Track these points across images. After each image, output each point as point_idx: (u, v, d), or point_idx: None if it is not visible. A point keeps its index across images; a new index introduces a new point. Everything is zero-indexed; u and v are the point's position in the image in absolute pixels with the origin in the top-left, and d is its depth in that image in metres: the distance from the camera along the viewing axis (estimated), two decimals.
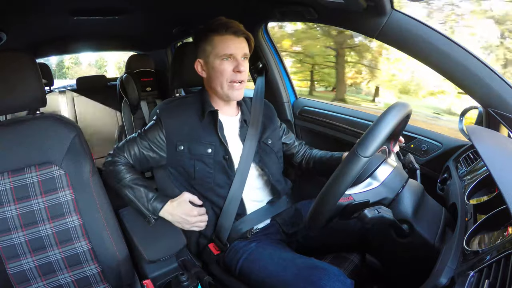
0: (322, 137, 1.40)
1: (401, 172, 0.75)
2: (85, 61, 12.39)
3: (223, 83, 0.93)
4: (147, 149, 0.96)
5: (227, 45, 0.91)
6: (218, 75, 0.93)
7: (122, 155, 0.96)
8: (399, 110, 0.63)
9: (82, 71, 11.89)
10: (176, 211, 0.94)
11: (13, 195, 0.82)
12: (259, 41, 1.44)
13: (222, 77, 0.92)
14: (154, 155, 0.97)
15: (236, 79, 0.93)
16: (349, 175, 0.59)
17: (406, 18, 0.88)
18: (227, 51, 0.91)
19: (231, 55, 0.91)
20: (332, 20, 1.06)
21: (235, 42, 0.91)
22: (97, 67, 12.33)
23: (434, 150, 1.06)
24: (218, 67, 0.92)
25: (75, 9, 1.33)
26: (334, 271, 0.77)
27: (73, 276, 0.86)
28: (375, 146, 0.59)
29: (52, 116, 0.88)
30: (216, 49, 0.91)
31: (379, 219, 0.64)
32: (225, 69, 0.91)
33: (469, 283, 0.47)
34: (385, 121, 0.61)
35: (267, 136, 1.05)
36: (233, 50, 0.91)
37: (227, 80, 0.92)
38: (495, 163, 0.61)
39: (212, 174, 0.95)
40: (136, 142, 0.97)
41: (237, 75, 0.92)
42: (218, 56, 0.91)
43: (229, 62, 0.92)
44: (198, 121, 0.97)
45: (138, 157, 0.97)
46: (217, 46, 0.91)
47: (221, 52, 0.91)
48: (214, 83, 0.95)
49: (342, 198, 0.64)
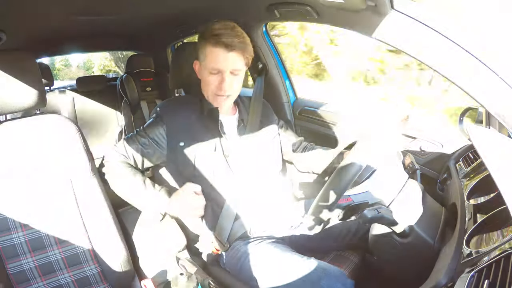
0: (322, 137, 1.40)
1: (401, 172, 0.75)
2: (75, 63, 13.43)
3: (209, 94, 0.96)
4: (146, 146, 0.96)
5: (215, 59, 0.89)
6: (205, 84, 0.95)
7: (121, 154, 0.96)
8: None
9: (72, 73, 12.70)
10: (181, 200, 0.93)
11: (13, 194, 0.81)
12: (259, 41, 1.44)
13: (208, 88, 0.95)
14: (154, 152, 0.96)
15: (219, 94, 0.93)
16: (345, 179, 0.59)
17: (406, 18, 0.88)
18: (214, 66, 0.90)
19: (218, 70, 0.90)
20: (332, 20, 1.06)
21: (224, 57, 0.88)
22: (85, 69, 13.07)
23: (434, 150, 1.06)
24: (206, 78, 0.94)
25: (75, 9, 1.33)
26: (334, 271, 0.77)
27: (73, 276, 0.86)
28: None
29: (52, 116, 0.88)
30: (206, 60, 0.91)
31: (379, 219, 0.64)
32: (211, 83, 0.93)
33: (469, 283, 0.47)
34: None
35: (265, 136, 1.05)
36: (220, 66, 0.89)
37: (212, 92, 0.94)
38: (495, 163, 0.61)
39: (212, 171, 0.96)
40: (135, 139, 0.96)
41: (221, 89, 0.92)
42: (206, 68, 0.92)
43: (215, 76, 0.92)
44: (199, 118, 0.97)
45: (137, 155, 0.96)
46: (207, 57, 0.91)
47: (209, 65, 0.91)
48: (203, 89, 0.97)
49: (341, 199, 0.64)
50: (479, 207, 0.65)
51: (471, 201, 0.68)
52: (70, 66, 13.58)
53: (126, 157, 0.96)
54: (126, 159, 0.96)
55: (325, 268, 0.77)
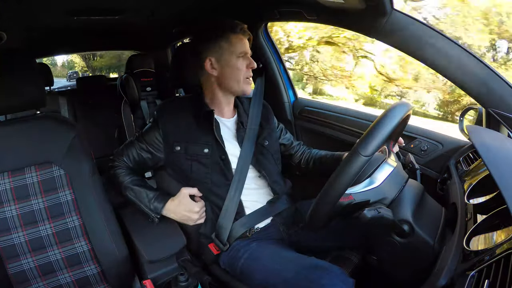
0: (322, 137, 1.40)
1: (401, 172, 0.75)
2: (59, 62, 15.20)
3: (240, 79, 0.97)
4: (145, 151, 0.98)
5: (243, 43, 0.96)
6: (235, 71, 0.96)
7: (121, 159, 0.99)
8: (399, 110, 0.63)
9: (57, 71, 14.20)
10: (178, 209, 0.95)
11: (13, 195, 0.82)
12: (259, 41, 1.44)
13: (240, 73, 0.96)
14: (152, 156, 0.99)
15: (249, 75, 0.99)
16: (349, 174, 0.59)
17: (406, 18, 0.88)
18: (243, 49, 0.96)
19: (246, 53, 0.96)
20: (332, 20, 1.06)
21: (246, 41, 0.98)
22: (68, 68, 14.54)
23: (434, 150, 1.06)
24: (235, 64, 0.95)
25: (75, 9, 1.33)
26: (335, 270, 0.77)
27: (73, 276, 0.86)
28: (376, 145, 0.59)
29: (52, 116, 0.88)
30: (233, 47, 0.95)
31: (379, 219, 0.64)
32: (241, 67, 0.96)
33: (469, 283, 0.47)
34: (386, 121, 0.61)
35: (264, 138, 1.05)
36: (246, 49, 0.97)
37: (244, 76, 0.97)
38: (495, 163, 0.61)
39: (209, 174, 0.96)
40: (134, 145, 0.99)
41: (250, 71, 0.98)
42: (234, 54, 0.95)
43: (243, 59, 0.96)
44: (195, 121, 0.98)
45: (137, 159, 0.99)
46: (235, 44, 0.95)
47: (239, 50, 0.95)
48: (229, 79, 0.97)
49: (342, 197, 0.64)
50: (479, 207, 0.65)
51: (471, 201, 0.68)
52: (56, 65, 14.91)
53: (126, 162, 0.99)
54: (126, 163, 0.99)
55: (326, 267, 0.77)
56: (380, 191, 0.69)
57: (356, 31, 1.04)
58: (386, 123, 0.61)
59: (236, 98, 1.06)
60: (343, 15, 0.99)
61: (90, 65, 14.68)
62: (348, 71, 7.29)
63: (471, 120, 1.02)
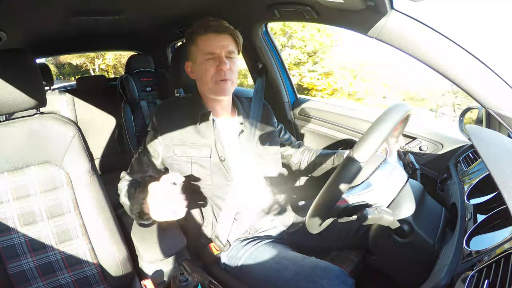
0: (322, 137, 1.40)
1: (401, 172, 0.75)
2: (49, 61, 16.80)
3: (208, 82, 0.92)
4: (146, 165, 0.95)
5: (209, 43, 0.90)
6: (202, 74, 0.92)
7: (131, 176, 0.96)
8: (397, 112, 0.62)
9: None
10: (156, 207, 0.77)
11: (13, 194, 0.82)
12: (259, 41, 1.44)
13: (206, 76, 0.91)
14: (154, 167, 0.95)
15: (219, 78, 0.90)
16: (345, 180, 0.59)
17: (406, 18, 0.88)
18: (209, 49, 0.90)
19: (213, 54, 0.90)
20: (332, 20, 1.06)
21: (216, 40, 0.90)
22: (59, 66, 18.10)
23: (434, 150, 1.06)
24: (202, 66, 0.91)
25: (75, 9, 1.33)
26: (335, 270, 0.77)
27: (73, 276, 0.86)
28: (372, 150, 0.58)
29: (52, 116, 0.88)
30: (200, 48, 0.91)
31: (379, 219, 0.64)
32: (208, 68, 0.90)
33: (469, 283, 0.47)
34: (382, 125, 0.60)
35: (264, 138, 1.04)
36: (215, 49, 0.90)
37: (212, 79, 0.91)
38: (495, 163, 0.61)
39: (210, 176, 0.95)
40: (139, 159, 0.96)
41: (221, 73, 0.90)
42: (201, 56, 0.91)
43: (212, 61, 0.90)
44: (193, 123, 0.95)
45: (144, 174, 0.95)
46: (200, 45, 0.91)
47: (204, 51, 0.90)
48: (201, 83, 0.94)
49: (340, 201, 0.64)
50: (479, 207, 0.65)
51: (471, 201, 0.68)
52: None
53: (133, 177, 0.96)
54: (132, 175, 0.96)
55: (326, 267, 0.77)
56: (380, 191, 0.69)
57: (356, 31, 1.03)
58: (383, 127, 0.60)
59: (236, 98, 1.05)
60: (343, 15, 0.99)
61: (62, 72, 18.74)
62: None
63: (471, 120, 1.02)
